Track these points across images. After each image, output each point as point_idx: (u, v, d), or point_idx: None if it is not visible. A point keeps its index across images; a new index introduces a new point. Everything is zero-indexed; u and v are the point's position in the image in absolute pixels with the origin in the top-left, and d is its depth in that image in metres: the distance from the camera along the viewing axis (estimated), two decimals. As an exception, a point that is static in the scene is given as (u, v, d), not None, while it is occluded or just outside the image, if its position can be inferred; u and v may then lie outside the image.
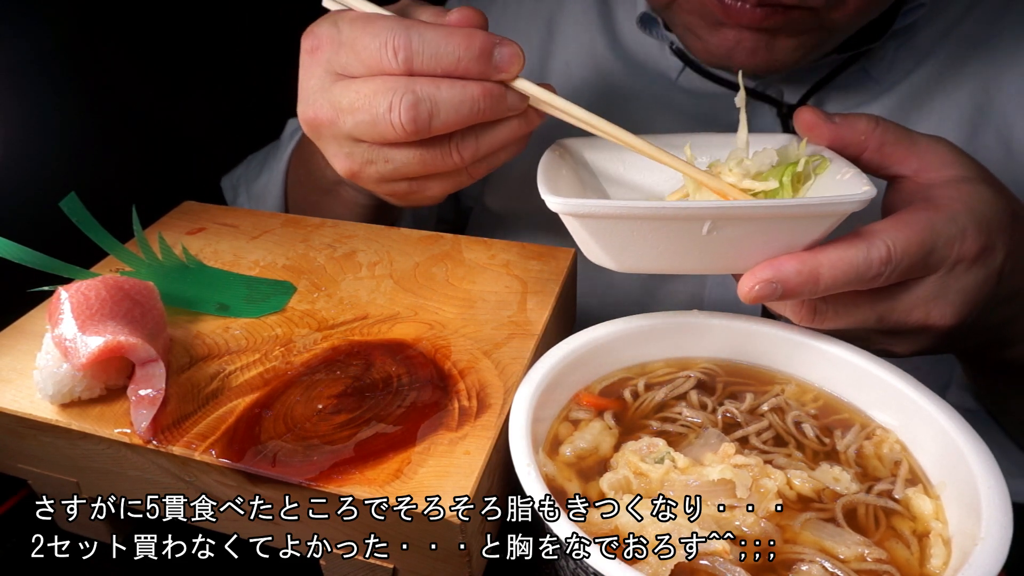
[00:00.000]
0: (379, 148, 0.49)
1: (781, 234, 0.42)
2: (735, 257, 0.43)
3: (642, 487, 0.41)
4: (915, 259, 0.42)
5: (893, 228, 0.43)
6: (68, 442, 0.45)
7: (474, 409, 0.44)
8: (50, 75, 0.79)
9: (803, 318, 0.45)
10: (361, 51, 0.46)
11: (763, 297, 0.42)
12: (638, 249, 0.43)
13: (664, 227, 0.41)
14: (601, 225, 0.42)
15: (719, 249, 0.42)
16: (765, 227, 0.41)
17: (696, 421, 0.46)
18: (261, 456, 0.41)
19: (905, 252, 0.42)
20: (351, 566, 0.43)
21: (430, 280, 0.56)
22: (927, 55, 0.67)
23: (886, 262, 0.42)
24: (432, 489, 0.39)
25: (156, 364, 0.45)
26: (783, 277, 0.42)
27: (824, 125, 0.47)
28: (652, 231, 0.42)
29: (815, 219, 0.41)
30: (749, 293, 0.42)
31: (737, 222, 0.41)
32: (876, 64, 0.67)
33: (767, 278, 0.42)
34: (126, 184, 0.79)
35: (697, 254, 0.43)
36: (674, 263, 0.44)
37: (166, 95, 0.96)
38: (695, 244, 0.42)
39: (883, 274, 0.42)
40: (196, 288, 0.56)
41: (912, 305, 0.45)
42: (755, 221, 0.41)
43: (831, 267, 0.41)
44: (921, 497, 0.41)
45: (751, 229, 0.41)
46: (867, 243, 0.42)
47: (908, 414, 0.45)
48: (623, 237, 0.42)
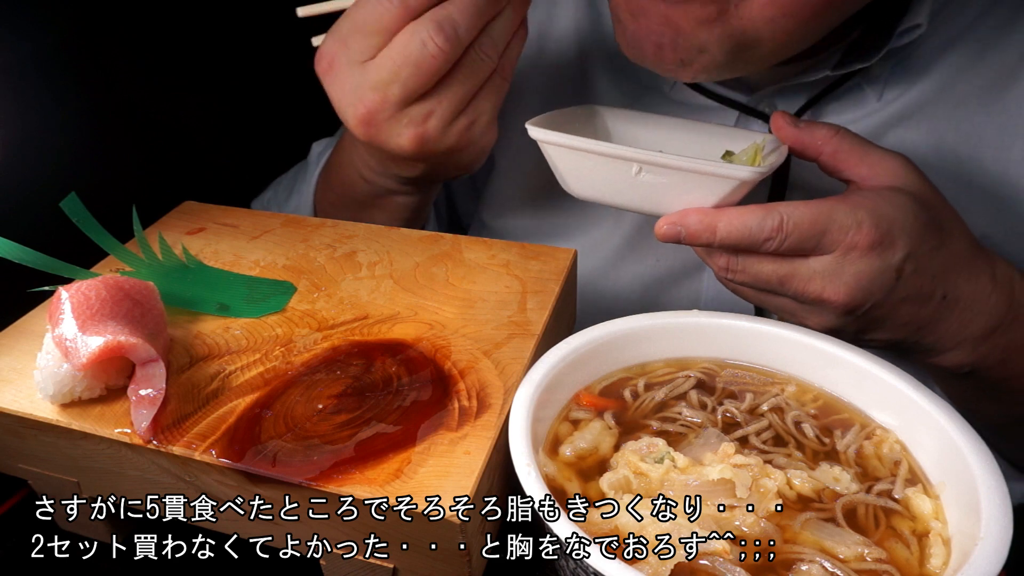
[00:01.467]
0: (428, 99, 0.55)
1: (694, 189, 0.51)
2: (658, 202, 0.52)
3: (642, 487, 0.41)
4: (806, 235, 0.49)
5: (793, 205, 0.50)
6: (68, 442, 0.45)
7: (474, 409, 0.44)
8: (50, 75, 0.79)
9: (719, 267, 0.53)
10: (365, 25, 0.52)
11: (668, 237, 0.51)
12: (588, 179, 0.55)
13: (604, 163, 0.52)
14: (561, 154, 0.54)
15: (646, 192, 0.52)
16: (678, 179, 0.51)
17: (696, 421, 0.46)
18: (261, 456, 0.41)
19: (796, 226, 0.49)
20: (351, 566, 0.43)
21: (430, 280, 0.56)
22: (924, 73, 0.66)
23: (777, 230, 0.49)
24: (432, 489, 0.39)
25: (156, 364, 0.45)
26: (686, 223, 0.51)
27: (788, 128, 0.54)
28: (597, 165, 0.53)
29: (712, 179, 0.50)
30: (659, 230, 0.52)
31: (655, 169, 0.51)
32: (872, 81, 0.66)
33: (673, 221, 0.51)
34: (126, 184, 0.79)
35: (631, 192, 0.53)
36: (614, 197, 0.55)
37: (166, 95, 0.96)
38: (628, 183, 0.52)
39: (773, 240, 0.49)
40: (196, 288, 0.56)
41: (809, 276, 0.51)
42: (668, 171, 0.50)
43: (727, 223, 0.49)
44: (921, 497, 0.41)
45: (669, 179, 0.51)
46: (766, 211, 0.49)
47: (908, 414, 0.45)
48: (579, 168, 0.54)
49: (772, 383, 0.49)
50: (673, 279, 0.74)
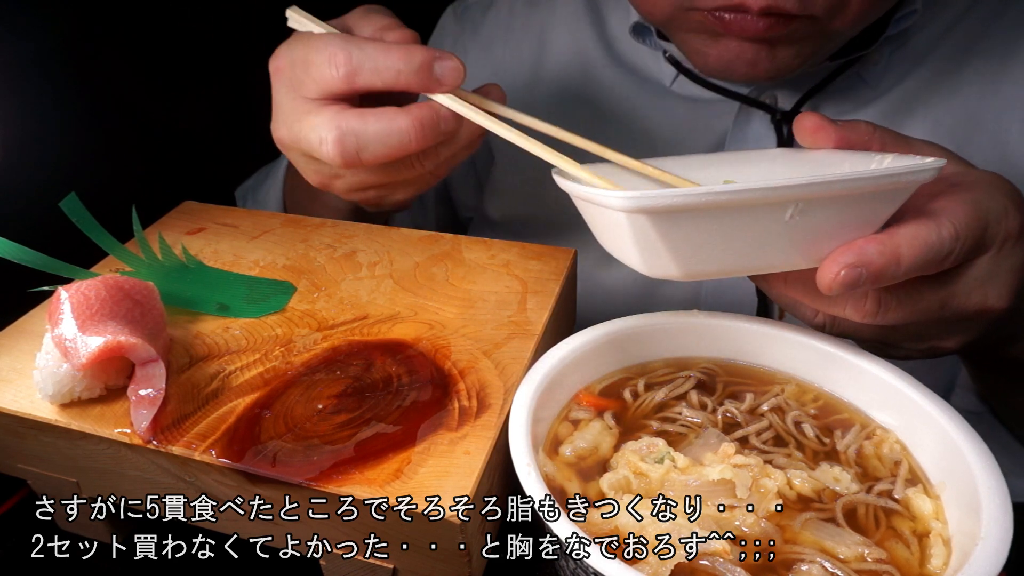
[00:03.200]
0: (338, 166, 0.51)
1: (859, 213, 0.39)
2: (810, 246, 0.40)
3: (642, 487, 0.41)
4: (976, 237, 0.41)
5: (950, 206, 0.41)
6: (68, 442, 0.45)
7: (474, 409, 0.44)
8: (50, 75, 0.79)
9: (867, 312, 0.43)
10: (310, 68, 0.49)
11: (849, 283, 0.39)
12: (711, 248, 0.39)
13: (747, 215, 0.38)
14: (678, 221, 0.37)
15: (797, 238, 0.39)
16: (848, 205, 0.39)
17: (696, 421, 0.46)
18: (261, 456, 0.41)
19: (968, 229, 0.41)
20: (351, 566, 0.43)
21: (430, 280, 0.56)
22: (921, 60, 0.67)
23: (955, 238, 0.40)
24: (432, 489, 0.39)
25: (156, 364, 0.45)
26: (867, 259, 0.39)
27: (829, 128, 0.46)
28: (732, 222, 0.38)
29: (894, 192, 0.39)
30: (834, 280, 0.39)
31: (824, 201, 0.38)
32: (870, 69, 0.67)
33: (851, 262, 0.39)
34: (126, 184, 0.79)
35: (773, 246, 0.39)
36: (747, 260, 0.40)
37: (166, 95, 0.96)
38: (773, 234, 0.39)
39: (953, 253, 0.41)
40: (196, 288, 0.56)
41: (971, 288, 0.43)
42: (842, 199, 0.38)
43: (910, 246, 0.39)
44: (921, 497, 0.41)
45: (835, 209, 0.38)
46: (935, 221, 0.40)
47: (908, 414, 0.45)
48: (698, 234, 0.38)
49: (772, 383, 0.49)
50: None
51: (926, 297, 0.43)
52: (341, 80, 0.48)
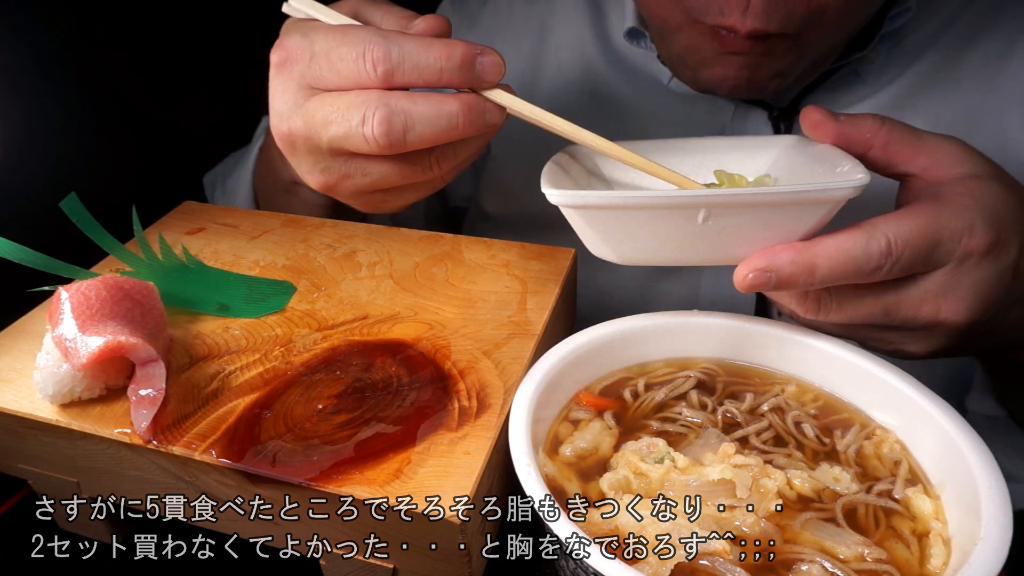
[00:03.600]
0: (357, 161, 0.48)
1: (776, 223, 0.41)
2: (731, 247, 0.43)
3: (642, 487, 0.41)
4: (918, 252, 0.42)
5: (895, 220, 0.42)
6: (68, 442, 0.45)
7: (474, 409, 0.44)
8: (50, 75, 0.79)
9: (808, 310, 0.45)
10: (336, 63, 0.45)
11: (757, 286, 0.42)
12: (637, 240, 0.44)
13: (660, 217, 0.42)
14: (599, 216, 0.43)
15: (715, 239, 0.42)
16: (759, 215, 0.41)
17: (696, 421, 0.46)
18: (261, 456, 0.41)
19: (907, 244, 0.41)
20: (351, 566, 0.43)
21: (430, 280, 0.56)
22: (918, 56, 0.67)
23: (886, 255, 0.41)
24: (432, 489, 0.39)
25: (156, 364, 0.45)
26: (777, 266, 0.41)
27: (830, 123, 0.46)
28: (649, 221, 0.42)
29: (809, 206, 0.41)
30: (743, 281, 0.42)
31: (731, 210, 0.41)
32: (867, 66, 0.67)
33: (761, 267, 0.42)
34: (126, 184, 0.79)
35: (694, 244, 0.43)
36: (672, 254, 0.44)
37: (166, 95, 0.96)
38: (691, 234, 0.42)
39: (883, 267, 0.41)
40: (196, 288, 0.56)
41: (920, 300, 0.44)
42: (749, 209, 0.41)
43: (827, 258, 0.41)
44: (921, 497, 0.41)
45: (746, 218, 0.41)
46: (867, 234, 0.41)
47: (908, 414, 0.45)
48: (622, 228, 0.43)
49: (772, 383, 0.49)
50: (672, 269, 0.74)
51: (867, 303, 0.44)
52: (378, 78, 0.45)
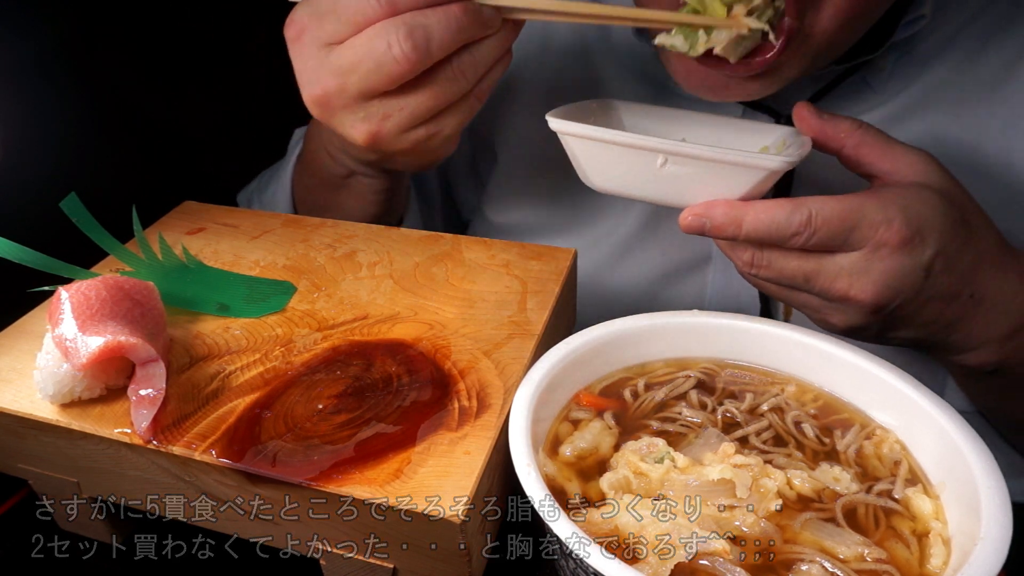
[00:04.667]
0: (391, 98, 0.52)
1: (720, 180, 0.49)
2: (682, 193, 0.51)
3: (642, 487, 0.41)
4: (835, 230, 0.48)
5: (822, 200, 0.48)
6: (68, 442, 0.45)
7: (474, 409, 0.44)
8: (50, 75, 0.79)
9: (744, 262, 0.51)
10: (343, 12, 0.49)
11: (693, 228, 0.50)
12: (610, 171, 0.53)
13: (628, 154, 0.51)
14: (583, 145, 0.53)
15: (671, 184, 0.51)
16: (706, 170, 0.49)
17: (696, 421, 0.46)
18: (261, 456, 0.41)
19: (826, 221, 0.48)
20: (351, 566, 0.43)
21: (430, 280, 0.56)
22: (926, 68, 0.66)
23: (805, 225, 0.48)
24: (432, 489, 0.39)
25: (156, 364, 0.45)
26: (711, 215, 0.49)
27: (811, 118, 0.52)
28: (620, 157, 0.51)
29: (744, 169, 0.48)
30: (683, 221, 0.50)
31: (683, 160, 0.49)
32: (875, 75, 0.66)
33: (698, 212, 0.50)
34: (126, 184, 0.79)
35: (654, 184, 0.52)
36: (636, 190, 0.53)
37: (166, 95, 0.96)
38: (652, 175, 0.51)
39: (801, 235, 0.48)
40: (196, 288, 0.56)
41: (836, 273, 0.50)
42: (697, 162, 0.49)
43: (754, 217, 0.48)
44: (921, 497, 0.41)
45: (696, 170, 0.49)
46: (793, 205, 0.48)
47: (908, 414, 0.45)
48: (601, 159, 0.53)
49: (772, 383, 0.49)
50: (678, 274, 0.74)
51: (791, 265, 0.50)
52: (383, 8, 0.48)
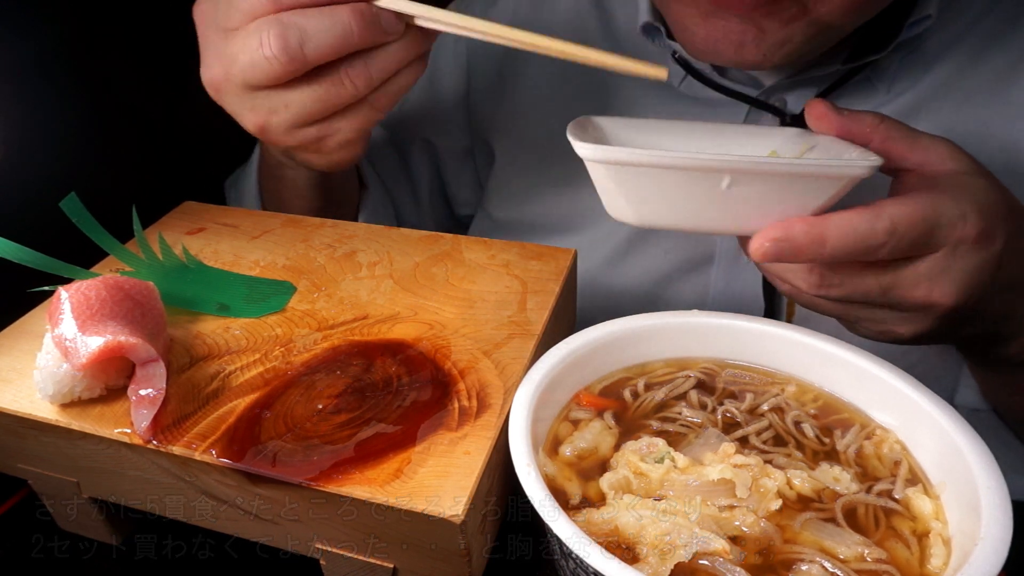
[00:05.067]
0: (274, 93, 0.51)
1: (793, 195, 0.43)
2: (747, 217, 0.44)
3: (642, 487, 0.41)
4: (918, 235, 0.44)
5: (899, 203, 0.44)
6: (68, 442, 0.45)
7: (474, 409, 0.44)
8: (50, 75, 0.79)
9: (811, 284, 0.47)
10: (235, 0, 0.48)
11: (771, 255, 0.44)
12: (659, 202, 0.45)
13: (687, 178, 0.43)
14: (627, 174, 0.44)
15: (735, 207, 0.44)
16: (780, 185, 0.43)
17: (696, 421, 0.46)
18: (261, 456, 0.41)
19: (909, 226, 0.44)
20: (351, 566, 0.43)
21: (430, 280, 0.56)
22: (931, 67, 0.67)
23: (890, 233, 0.43)
24: (432, 489, 0.39)
25: (156, 364, 0.45)
26: (791, 236, 0.43)
27: (833, 116, 0.49)
28: (675, 182, 0.43)
29: (826, 181, 0.43)
30: (759, 250, 0.44)
31: (755, 178, 0.42)
32: (880, 74, 0.67)
33: (777, 236, 0.44)
34: (126, 184, 0.79)
35: (713, 210, 0.44)
36: (690, 219, 0.46)
37: (166, 95, 0.96)
38: (713, 199, 0.44)
39: (886, 245, 0.44)
40: (196, 288, 0.56)
41: (915, 281, 0.46)
42: (772, 178, 0.43)
43: (838, 232, 0.43)
44: (921, 497, 0.41)
45: (767, 187, 0.43)
46: (873, 214, 0.43)
47: (908, 414, 0.45)
48: (646, 188, 0.44)
49: (772, 383, 0.49)
50: (681, 273, 0.74)
51: (867, 281, 0.46)
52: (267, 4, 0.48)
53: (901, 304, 0.47)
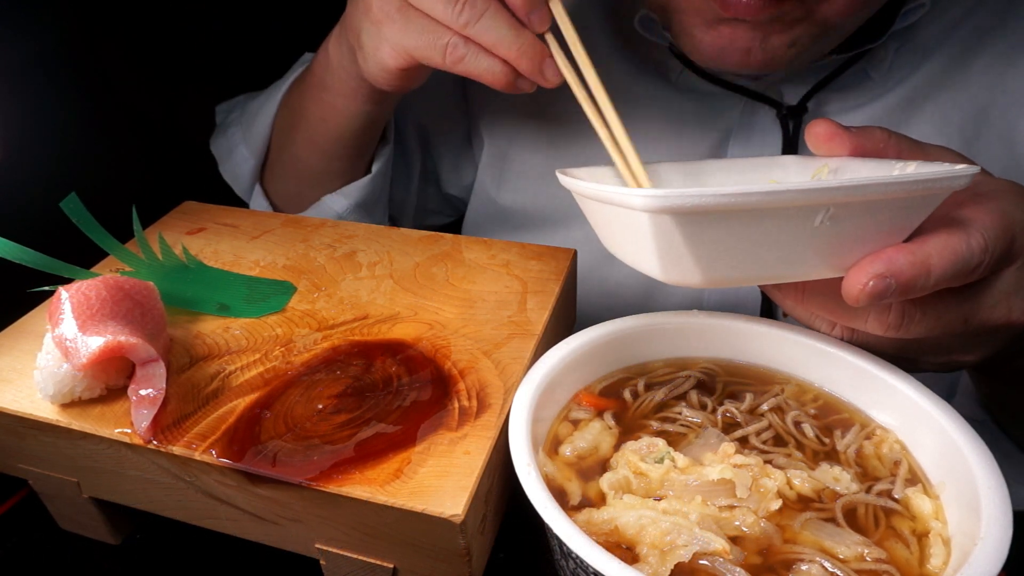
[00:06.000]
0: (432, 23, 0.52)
1: (890, 221, 0.38)
2: (840, 253, 0.38)
3: (642, 487, 0.41)
4: (1004, 248, 0.40)
5: (980, 216, 0.40)
6: (68, 442, 0.45)
7: (474, 409, 0.44)
8: (50, 75, 0.79)
9: (890, 325, 0.41)
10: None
11: (877, 295, 0.38)
12: (736, 253, 0.37)
13: (775, 219, 0.36)
14: (704, 223, 0.35)
15: (823, 245, 0.38)
16: (879, 211, 0.37)
17: (696, 421, 0.46)
18: (261, 456, 0.41)
19: (997, 240, 0.39)
20: (351, 566, 0.43)
21: (430, 280, 0.56)
22: (928, 56, 0.67)
23: (984, 250, 0.39)
24: (432, 489, 0.39)
25: (156, 364, 0.45)
26: (897, 269, 0.37)
27: (843, 135, 0.44)
28: (758, 226, 0.36)
29: (926, 199, 0.37)
30: (862, 292, 0.38)
31: (857, 207, 0.36)
32: (876, 65, 0.67)
33: (880, 272, 0.37)
34: (126, 184, 0.80)
35: (799, 253, 0.38)
36: (771, 268, 0.38)
37: (166, 95, 0.96)
38: (800, 240, 0.37)
39: (983, 264, 0.39)
40: (196, 288, 0.56)
41: (995, 301, 0.42)
42: (873, 204, 0.36)
43: (940, 256, 0.38)
44: (921, 497, 0.41)
45: (866, 215, 0.37)
46: (966, 231, 0.39)
47: (908, 414, 0.45)
48: (723, 238, 0.36)
49: (772, 383, 0.49)
50: None
51: (951, 310, 0.42)
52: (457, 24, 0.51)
53: (981, 328, 0.43)
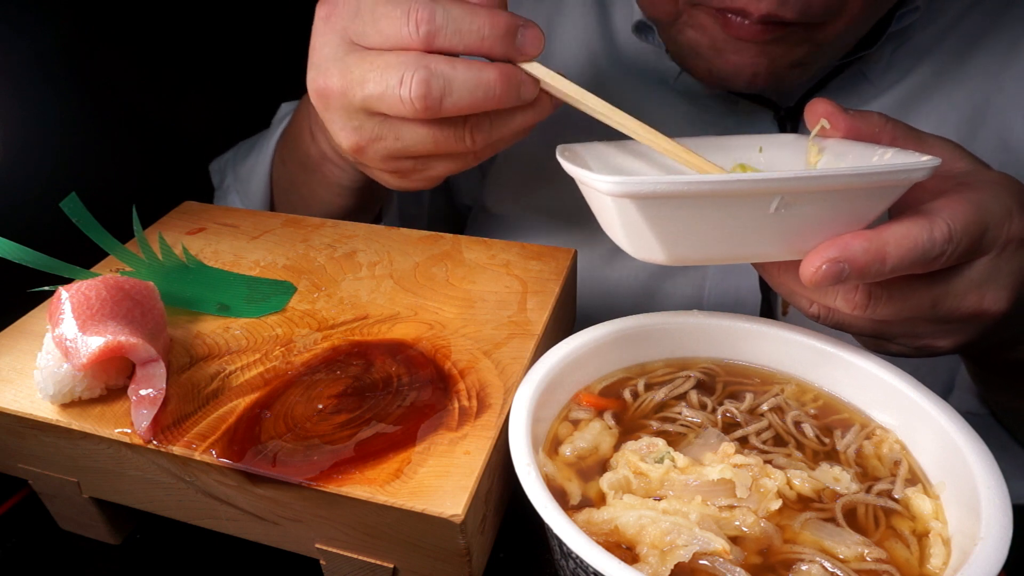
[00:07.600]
0: (391, 123, 0.48)
1: (848, 209, 0.39)
2: (797, 238, 0.40)
3: (642, 487, 0.42)
4: (973, 238, 0.41)
5: (950, 205, 0.41)
6: (68, 442, 0.45)
7: (474, 409, 0.44)
8: (50, 75, 0.79)
9: (857, 304, 0.43)
10: (380, 19, 0.45)
11: (829, 278, 0.39)
12: (695, 235, 0.39)
13: (731, 206, 0.38)
14: (662, 207, 0.38)
15: (782, 230, 0.39)
16: (835, 200, 0.38)
17: (696, 421, 0.46)
18: (261, 456, 0.41)
19: (964, 231, 0.40)
20: (351, 566, 0.43)
21: (430, 280, 0.56)
22: (924, 57, 0.67)
23: (948, 240, 0.40)
24: (432, 489, 0.39)
25: (156, 364, 0.45)
26: (850, 255, 0.39)
27: (840, 116, 0.46)
28: (716, 211, 0.38)
29: (884, 190, 0.39)
30: (815, 275, 0.39)
31: (809, 196, 0.38)
32: (873, 67, 0.67)
33: (833, 257, 0.39)
34: (126, 184, 0.79)
35: (757, 237, 0.40)
36: (731, 249, 0.41)
37: (166, 95, 0.96)
38: (757, 225, 0.39)
39: (945, 254, 0.40)
40: (196, 288, 0.56)
41: (966, 289, 0.43)
42: (828, 194, 0.38)
43: (897, 245, 0.39)
44: (921, 497, 0.41)
45: (821, 203, 0.38)
46: (929, 221, 0.40)
47: (908, 414, 0.45)
48: (682, 221, 0.38)
49: (772, 383, 0.49)
50: (673, 277, 0.74)
51: (918, 294, 0.43)
52: (420, 40, 0.45)
53: (950, 316, 0.44)
